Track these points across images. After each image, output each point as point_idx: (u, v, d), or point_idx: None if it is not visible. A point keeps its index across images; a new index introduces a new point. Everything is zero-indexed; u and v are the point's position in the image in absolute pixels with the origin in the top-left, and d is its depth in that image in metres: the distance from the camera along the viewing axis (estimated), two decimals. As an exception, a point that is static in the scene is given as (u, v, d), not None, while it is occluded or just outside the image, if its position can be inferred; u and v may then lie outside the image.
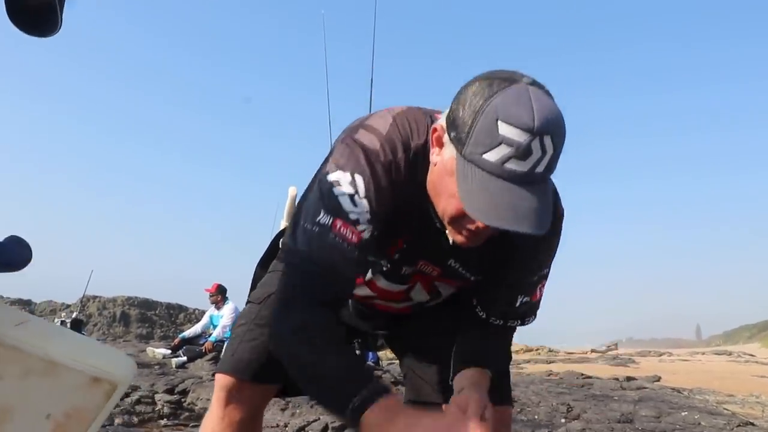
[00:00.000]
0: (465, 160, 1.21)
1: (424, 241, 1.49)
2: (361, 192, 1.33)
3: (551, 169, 1.20)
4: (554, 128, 1.16)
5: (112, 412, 5.63)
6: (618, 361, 17.53)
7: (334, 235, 1.30)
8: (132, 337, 27.72)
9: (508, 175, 1.16)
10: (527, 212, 1.17)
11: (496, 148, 1.16)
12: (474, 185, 1.19)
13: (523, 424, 5.41)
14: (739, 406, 7.42)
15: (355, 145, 1.37)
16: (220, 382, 1.71)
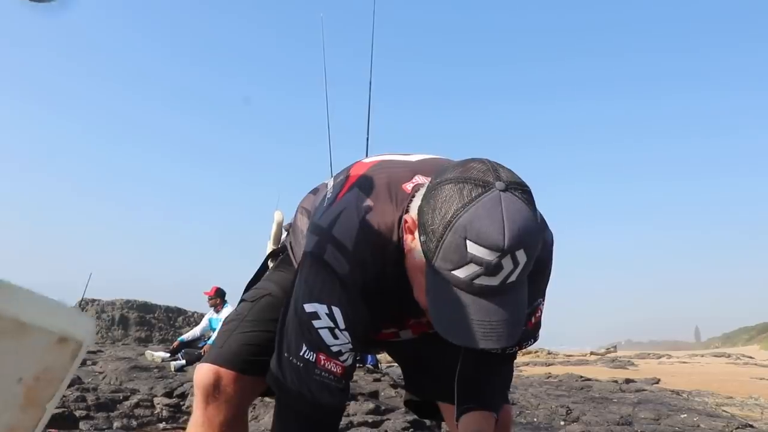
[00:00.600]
0: (434, 271, 1.19)
1: (411, 309, 1.47)
2: (341, 324, 1.33)
3: (525, 275, 1.18)
4: (526, 241, 1.12)
5: (111, 416, 5.63)
6: (617, 363, 17.55)
7: (320, 371, 1.34)
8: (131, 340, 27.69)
9: (478, 291, 1.15)
10: (496, 326, 1.16)
11: (465, 266, 1.13)
12: (442, 299, 1.18)
13: (522, 427, 5.41)
14: (738, 408, 7.43)
15: (323, 270, 1.36)
16: (200, 379, 1.66)
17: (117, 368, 7.92)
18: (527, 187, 1.18)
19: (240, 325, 1.72)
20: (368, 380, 7.14)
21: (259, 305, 1.73)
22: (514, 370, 1.78)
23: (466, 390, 1.57)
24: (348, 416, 5.35)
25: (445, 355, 1.69)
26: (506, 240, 1.09)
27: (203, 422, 1.66)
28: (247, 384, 1.67)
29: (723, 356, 25.12)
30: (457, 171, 1.18)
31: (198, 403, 1.67)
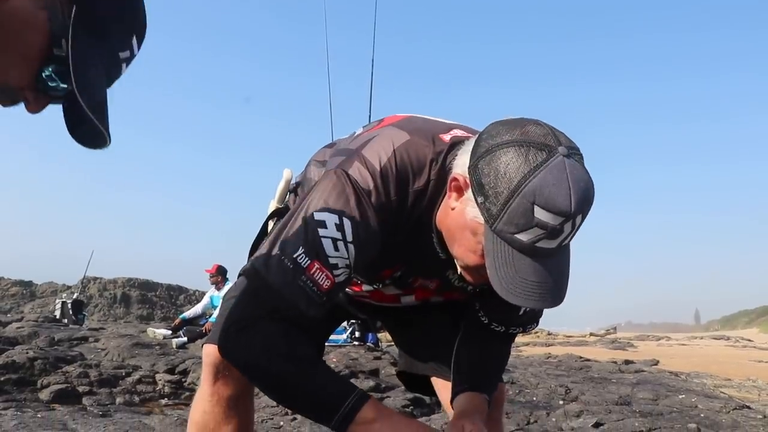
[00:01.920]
0: (494, 234, 1.19)
1: (424, 263, 1.49)
2: (348, 237, 1.30)
3: (579, 226, 1.21)
4: (587, 206, 1.17)
5: (114, 392, 5.67)
6: (616, 344, 17.64)
7: (306, 279, 1.29)
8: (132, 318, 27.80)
9: (537, 253, 1.17)
10: (550, 288, 1.19)
11: (529, 230, 1.15)
12: (502, 262, 1.19)
13: (521, 405, 5.45)
14: (735, 390, 7.47)
15: (347, 182, 1.33)
16: (209, 356, 1.65)
17: (119, 345, 7.97)
18: (581, 151, 1.21)
19: None
20: (369, 358, 7.18)
21: None
22: (511, 352, 1.78)
23: (462, 371, 1.57)
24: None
25: (443, 330, 1.69)
26: (573, 206, 1.12)
27: (211, 396, 1.68)
28: None
29: (722, 339, 25.24)
30: (516, 133, 1.18)
31: (206, 377, 1.68)
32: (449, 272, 1.52)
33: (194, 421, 1.72)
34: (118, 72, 0.93)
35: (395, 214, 1.36)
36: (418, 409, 5.00)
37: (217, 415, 1.68)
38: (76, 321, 13.83)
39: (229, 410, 1.68)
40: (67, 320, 13.74)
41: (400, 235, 1.39)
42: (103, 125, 0.86)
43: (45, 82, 0.85)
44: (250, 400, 1.79)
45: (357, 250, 1.31)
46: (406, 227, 1.38)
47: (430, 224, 1.39)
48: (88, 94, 0.84)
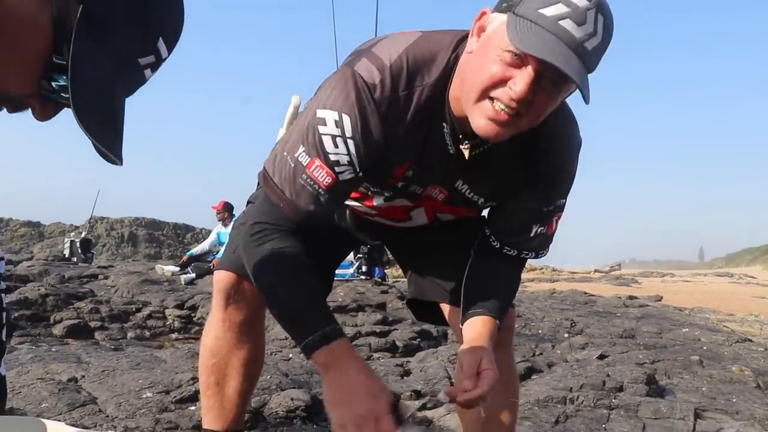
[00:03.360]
0: (517, 16, 1.16)
1: (433, 162, 1.44)
2: (348, 133, 1.30)
3: (598, 58, 1.18)
4: (608, 16, 1.15)
5: (125, 327, 5.77)
6: (621, 281, 17.77)
7: (307, 176, 1.31)
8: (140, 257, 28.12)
9: (562, 34, 1.13)
10: (571, 61, 1.14)
11: (554, 5, 1.13)
12: (524, 29, 1.15)
13: (527, 338, 5.53)
14: (738, 325, 7.55)
15: (351, 78, 1.31)
16: (220, 282, 1.69)
17: (128, 282, 8.06)
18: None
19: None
20: (376, 292, 7.25)
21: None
22: (521, 280, 1.77)
23: (472, 295, 1.56)
24: (356, 326, 5.47)
25: (453, 256, 1.68)
26: None
27: (223, 321, 1.70)
28: None
29: (726, 276, 25.39)
30: None
31: (218, 303, 1.71)
32: (458, 182, 1.49)
33: (206, 346, 1.75)
34: (140, 79, 0.84)
35: (403, 108, 1.33)
36: (425, 341, 5.08)
37: (229, 340, 1.71)
38: (85, 259, 13.99)
39: (241, 335, 1.71)
40: (77, 259, 13.91)
41: (411, 129, 1.36)
42: (106, 143, 0.78)
43: (48, 90, 0.78)
44: (261, 325, 1.81)
45: (357, 145, 1.31)
46: (416, 120, 1.35)
47: (443, 115, 1.36)
48: (88, 108, 0.76)
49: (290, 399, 2.94)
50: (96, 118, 0.77)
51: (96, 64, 0.77)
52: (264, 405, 2.91)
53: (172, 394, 2.97)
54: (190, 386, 3.04)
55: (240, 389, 1.75)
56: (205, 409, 1.80)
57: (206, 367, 1.76)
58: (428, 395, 3.38)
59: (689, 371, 4.14)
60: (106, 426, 2.58)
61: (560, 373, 3.89)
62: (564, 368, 4.10)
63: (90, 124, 0.75)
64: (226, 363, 1.73)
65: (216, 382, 1.74)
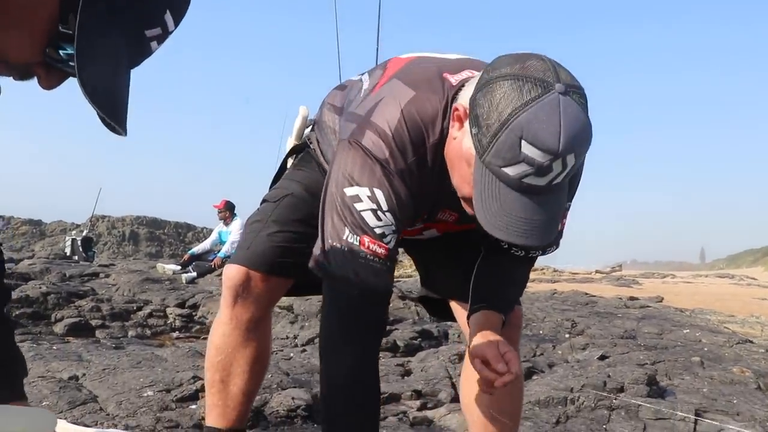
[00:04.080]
0: (483, 165, 1.20)
1: (447, 200, 1.49)
2: (384, 206, 1.35)
3: (568, 179, 1.20)
4: (578, 146, 1.15)
5: (126, 325, 5.77)
6: (622, 282, 17.72)
7: (365, 253, 1.36)
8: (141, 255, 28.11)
9: (524, 189, 1.17)
10: (538, 225, 1.20)
11: (516, 164, 1.15)
12: (488, 194, 1.20)
13: (528, 338, 5.52)
14: (739, 326, 7.53)
15: (362, 153, 1.36)
16: (230, 279, 1.71)
17: (129, 280, 8.06)
18: (584, 90, 1.19)
19: (264, 227, 1.74)
20: (377, 293, 7.24)
21: (281, 206, 1.75)
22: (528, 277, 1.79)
23: (480, 290, 1.59)
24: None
25: (464, 254, 1.70)
26: (561, 145, 1.12)
27: (231, 319, 1.72)
28: (273, 284, 1.74)
29: (727, 277, 25.32)
30: (516, 67, 1.18)
31: (226, 301, 1.73)
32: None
33: (213, 343, 1.77)
34: (146, 51, 0.85)
35: (418, 172, 1.38)
36: (426, 341, 5.08)
37: (236, 338, 1.73)
38: (86, 258, 13.99)
39: (248, 333, 1.73)
40: (78, 257, 13.91)
41: (429, 185, 1.42)
42: (110, 112, 0.79)
43: (54, 58, 0.79)
44: (268, 325, 1.83)
45: (395, 215, 1.36)
46: (430, 177, 1.41)
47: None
48: (93, 78, 0.76)
49: (291, 398, 2.94)
50: (101, 87, 0.78)
51: (102, 34, 0.77)
52: (265, 404, 2.91)
53: (173, 392, 2.97)
54: (191, 385, 3.04)
55: (245, 388, 1.76)
56: (209, 406, 1.81)
57: (212, 364, 1.77)
58: (429, 395, 3.38)
59: (690, 372, 4.14)
60: (106, 424, 2.58)
61: (561, 373, 3.89)
62: (565, 369, 4.11)
63: (95, 94, 0.76)
64: (231, 361, 1.74)
65: (221, 379, 1.75)
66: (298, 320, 5.91)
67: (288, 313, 5.96)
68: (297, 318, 5.93)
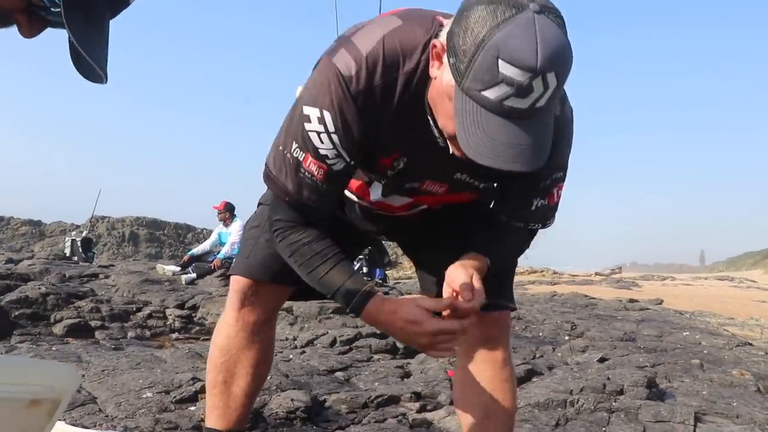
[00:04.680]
0: (463, 93, 1.17)
1: (425, 155, 1.46)
2: (330, 128, 1.36)
3: (553, 102, 1.17)
4: (558, 63, 1.12)
5: (125, 326, 5.77)
6: (621, 284, 17.74)
7: (304, 170, 1.40)
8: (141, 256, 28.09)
9: (507, 113, 1.14)
10: (523, 150, 1.16)
11: (495, 86, 1.12)
12: (471, 121, 1.17)
13: (527, 341, 5.52)
14: (738, 328, 7.54)
15: (329, 71, 1.36)
16: (235, 285, 1.73)
17: (129, 281, 8.06)
18: (560, 12, 1.16)
19: (263, 232, 1.74)
20: (376, 294, 7.24)
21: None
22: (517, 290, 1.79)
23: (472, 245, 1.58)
24: (357, 327, 5.46)
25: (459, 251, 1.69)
26: (539, 60, 1.09)
27: (236, 320, 1.73)
28: (278, 290, 1.74)
29: (726, 280, 25.33)
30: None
31: (232, 303, 1.73)
32: (457, 174, 1.52)
33: (217, 344, 1.77)
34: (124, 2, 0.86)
35: (381, 98, 1.36)
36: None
37: (241, 340, 1.73)
38: (86, 259, 13.98)
39: (253, 335, 1.73)
40: (77, 258, 13.89)
41: (394, 119, 1.39)
42: (95, 58, 0.80)
43: (37, 4, 0.79)
44: (273, 327, 1.83)
45: (340, 139, 1.37)
46: (399, 111, 1.38)
47: (425, 106, 1.38)
48: (77, 25, 0.78)
49: (290, 400, 2.94)
50: (84, 33, 0.79)
51: None
52: (264, 405, 2.91)
53: (172, 394, 2.97)
54: (190, 386, 3.04)
55: (247, 389, 1.76)
56: (209, 407, 1.80)
57: (215, 365, 1.77)
58: (428, 397, 3.37)
59: (690, 375, 4.14)
60: (105, 426, 2.58)
61: (561, 375, 3.89)
62: (564, 371, 4.10)
63: (80, 38, 0.78)
64: (235, 362, 1.74)
65: (224, 380, 1.75)
66: (297, 322, 5.91)
67: (287, 315, 5.95)
68: (296, 320, 5.93)
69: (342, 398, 3.17)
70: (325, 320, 5.87)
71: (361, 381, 3.80)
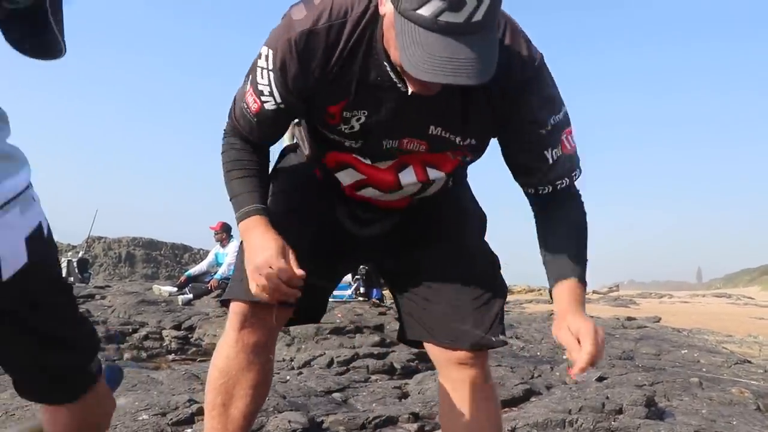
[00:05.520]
0: (401, 16, 1.20)
1: (390, 108, 1.48)
2: (269, 65, 1.45)
3: (492, 16, 1.19)
4: None
5: (121, 348, 5.73)
6: (619, 302, 17.71)
7: (243, 101, 1.54)
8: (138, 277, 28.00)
9: (444, 29, 1.16)
10: (465, 64, 1.17)
11: (428, 3, 1.15)
12: (410, 41, 1.19)
13: (525, 360, 5.50)
14: (737, 346, 7.52)
15: (285, 20, 1.44)
16: (235, 307, 1.71)
17: (125, 302, 8.03)
18: None
19: None
20: (373, 314, 7.23)
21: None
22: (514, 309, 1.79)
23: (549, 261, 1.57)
24: (354, 348, 5.45)
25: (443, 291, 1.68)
26: None
27: (236, 342, 1.71)
28: (280, 311, 1.72)
29: (724, 297, 25.31)
30: None
31: (232, 324, 1.72)
32: (431, 128, 1.52)
33: (216, 366, 1.75)
34: None
35: (327, 39, 1.41)
36: (423, 363, 5.04)
37: (241, 362, 1.71)
38: (81, 279, 13.94)
39: (253, 357, 1.72)
40: (73, 279, 13.84)
41: (340, 64, 1.43)
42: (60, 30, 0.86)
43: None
44: (272, 349, 1.81)
45: (276, 77, 1.45)
46: (346, 56, 1.43)
47: (380, 54, 1.41)
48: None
49: (287, 421, 2.92)
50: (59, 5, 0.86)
51: None
52: (261, 427, 2.89)
53: (169, 416, 2.94)
54: (187, 408, 3.02)
55: (246, 411, 1.74)
56: (207, 429, 1.79)
57: (214, 386, 1.75)
58: (426, 418, 3.35)
59: (689, 393, 4.12)
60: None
61: (559, 395, 3.87)
62: (563, 390, 4.08)
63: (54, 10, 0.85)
64: (234, 384, 1.72)
65: (222, 402, 1.73)
66: (294, 342, 5.88)
67: (284, 336, 5.93)
68: (293, 340, 5.90)
69: (339, 419, 3.15)
70: (322, 341, 5.85)
71: (359, 402, 3.78)
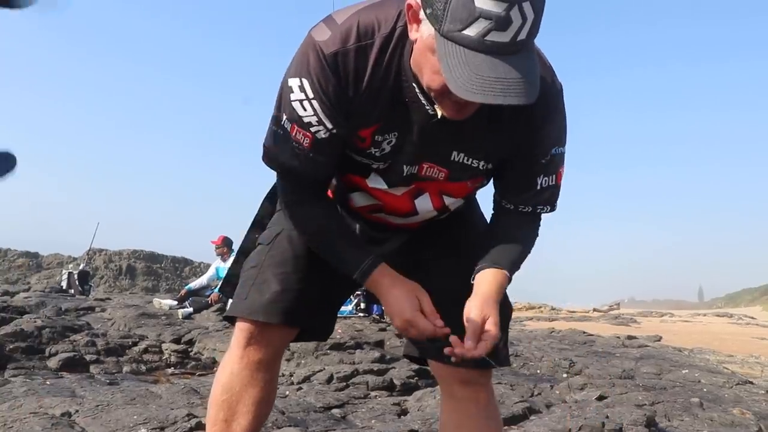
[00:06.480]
0: (444, 38, 1.19)
1: (416, 131, 1.49)
2: (309, 94, 1.41)
3: (534, 34, 1.19)
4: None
5: (121, 361, 5.72)
6: (620, 320, 17.65)
7: (293, 141, 1.47)
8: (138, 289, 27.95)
9: (490, 48, 1.16)
10: (514, 84, 1.17)
11: (474, 23, 1.14)
12: (456, 62, 1.18)
13: (525, 378, 5.48)
14: (738, 366, 7.48)
15: (307, 42, 1.42)
16: (240, 325, 1.71)
17: (125, 315, 8.02)
18: None
19: (259, 274, 1.73)
20: (374, 330, 7.22)
21: (275, 246, 1.74)
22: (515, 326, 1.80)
23: (485, 253, 1.59)
24: (354, 364, 5.43)
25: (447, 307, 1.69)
26: None
27: (241, 358, 1.71)
28: (284, 331, 1.72)
29: (725, 316, 25.21)
30: None
31: (238, 340, 1.72)
32: (453, 154, 1.53)
33: (220, 382, 1.75)
34: None
35: (357, 60, 1.40)
36: (423, 380, 5.03)
37: (245, 378, 1.71)
38: (82, 292, 13.91)
39: (257, 373, 1.71)
40: (74, 291, 13.82)
41: (371, 85, 1.43)
42: None
43: None
44: (278, 367, 1.81)
45: (320, 103, 1.42)
46: (376, 77, 1.42)
47: (408, 77, 1.41)
48: None
49: (286, 437, 2.90)
50: None
51: None
52: (259, 443, 2.88)
53: (167, 430, 2.94)
54: (186, 423, 3.01)
55: (248, 428, 1.73)
56: None
57: (216, 402, 1.74)
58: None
59: (689, 413, 4.10)
60: (99, 463, 2.55)
61: (559, 414, 3.85)
62: (563, 409, 4.06)
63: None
64: (237, 400, 1.72)
65: (224, 418, 1.72)
66: (294, 357, 5.86)
67: (284, 351, 5.92)
68: (293, 355, 5.89)
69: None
70: (322, 356, 5.83)
71: (358, 418, 3.76)
